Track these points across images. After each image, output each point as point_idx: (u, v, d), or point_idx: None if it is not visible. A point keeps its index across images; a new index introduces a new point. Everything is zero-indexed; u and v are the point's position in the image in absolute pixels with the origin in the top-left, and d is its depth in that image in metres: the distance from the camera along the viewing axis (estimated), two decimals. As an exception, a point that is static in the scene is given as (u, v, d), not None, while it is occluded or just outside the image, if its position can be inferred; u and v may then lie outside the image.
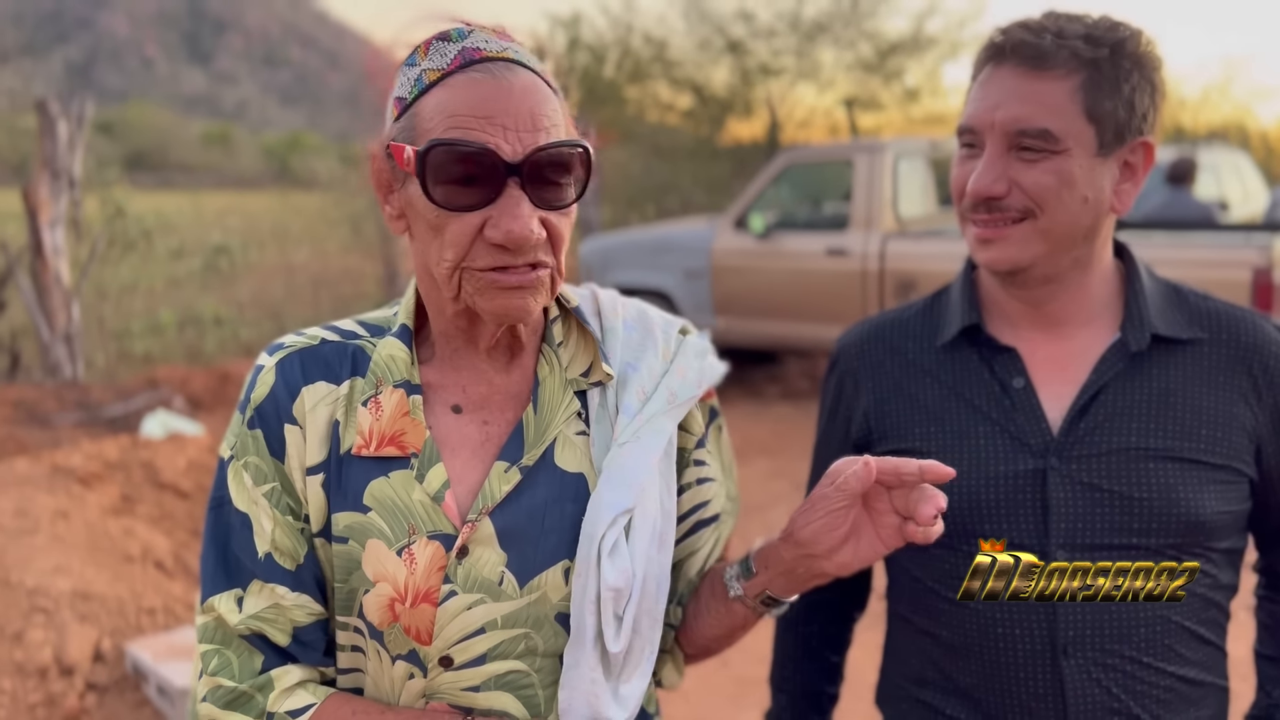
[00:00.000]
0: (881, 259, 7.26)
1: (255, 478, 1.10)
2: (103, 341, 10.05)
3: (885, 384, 1.40)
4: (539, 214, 1.03)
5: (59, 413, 6.52)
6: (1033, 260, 1.27)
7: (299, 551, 1.10)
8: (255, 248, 16.58)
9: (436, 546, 1.07)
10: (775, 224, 7.80)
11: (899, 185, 7.53)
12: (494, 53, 1.05)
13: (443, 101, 1.03)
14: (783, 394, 8.56)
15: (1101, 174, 1.25)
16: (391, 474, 1.09)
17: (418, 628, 1.07)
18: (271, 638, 1.08)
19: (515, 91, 1.02)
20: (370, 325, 1.19)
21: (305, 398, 1.11)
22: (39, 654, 3.49)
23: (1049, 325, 1.33)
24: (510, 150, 1.00)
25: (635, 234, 9.35)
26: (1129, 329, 1.30)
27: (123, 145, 39.89)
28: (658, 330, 1.23)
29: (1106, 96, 1.22)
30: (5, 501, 4.27)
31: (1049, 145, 1.22)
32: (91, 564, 4.00)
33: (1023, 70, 1.23)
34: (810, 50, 16.65)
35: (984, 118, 1.25)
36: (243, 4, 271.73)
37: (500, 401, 1.15)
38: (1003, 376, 1.32)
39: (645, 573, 1.10)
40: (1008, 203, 1.25)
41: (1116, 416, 1.27)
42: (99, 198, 11.41)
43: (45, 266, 7.31)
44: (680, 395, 1.17)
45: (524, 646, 1.09)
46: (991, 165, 1.24)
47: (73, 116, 7.59)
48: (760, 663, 1.23)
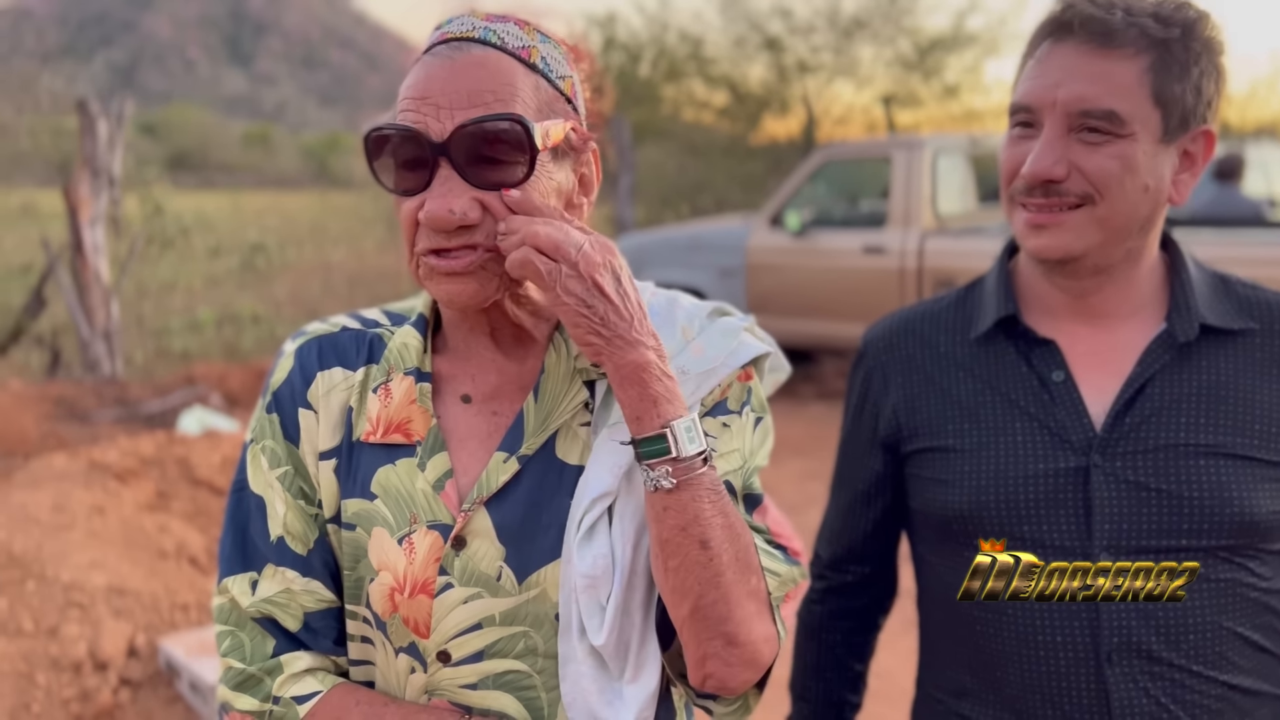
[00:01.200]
0: (920, 257, 7.16)
1: (271, 461, 1.11)
2: (142, 339, 10.16)
3: (916, 379, 1.35)
4: (474, 194, 0.99)
5: (98, 409, 6.59)
6: (1086, 249, 1.21)
7: (310, 536, 1.10)
8: (293, 246, 16.73)
9: (435, 536, 1.05)
10: (811, 221, 7.73)
11: (938, 182, 7.43)
12: (460, 33, 1.03)
13: (401, 88, 1.03)
14: (818, 394, 8.47)
15: (1163, 161, 1.19)
16: (398, 462, 1.09)
17: (415, 619, 1.05)
18: (283, 622, 1.08)
19: (457, 69, 1.00)
20: (393, 314, 1.19)
21: (320, 383, 1.12)
22: (74, 649, 3.51)
23: (1091, 317, 1.27)
24: (438, 129, 0.98)
25: (669, 232, 9.31)
26: (1176, 319, 1.24)
27: (165, 146, 40.46)
28: (680, 313, 1.17)
29: (1176, 80, 1.16)
30: (43, 497, 4.30)
31: (1114, 128, 1.16)
32: (127, 559, 4.02)
33: (1089, 47, 1.17)
34: (848, 47, 16.52)
35: (1044, 96, 1.18)
36: (282, 6, 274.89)
37: (511, 391, 1.12)
38: (1041, 370, 1.26)
39: (635, 561, 1.04)
40: (1066, 187, 1.18)
41: (1164, 411, 1.21)
42: (138, 196, 11.54)
43: (85, 264, 7.39)
44: (691, 370, 1.10)
45: (523, 645, 1.06)
46: (1051, 146, 1.18)
47: (112, 116, 7.68)
48: (781, 664, 1.17)
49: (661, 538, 0.99)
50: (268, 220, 18.59)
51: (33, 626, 3.59)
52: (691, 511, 0.98)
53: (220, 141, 56.82)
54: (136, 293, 11.12)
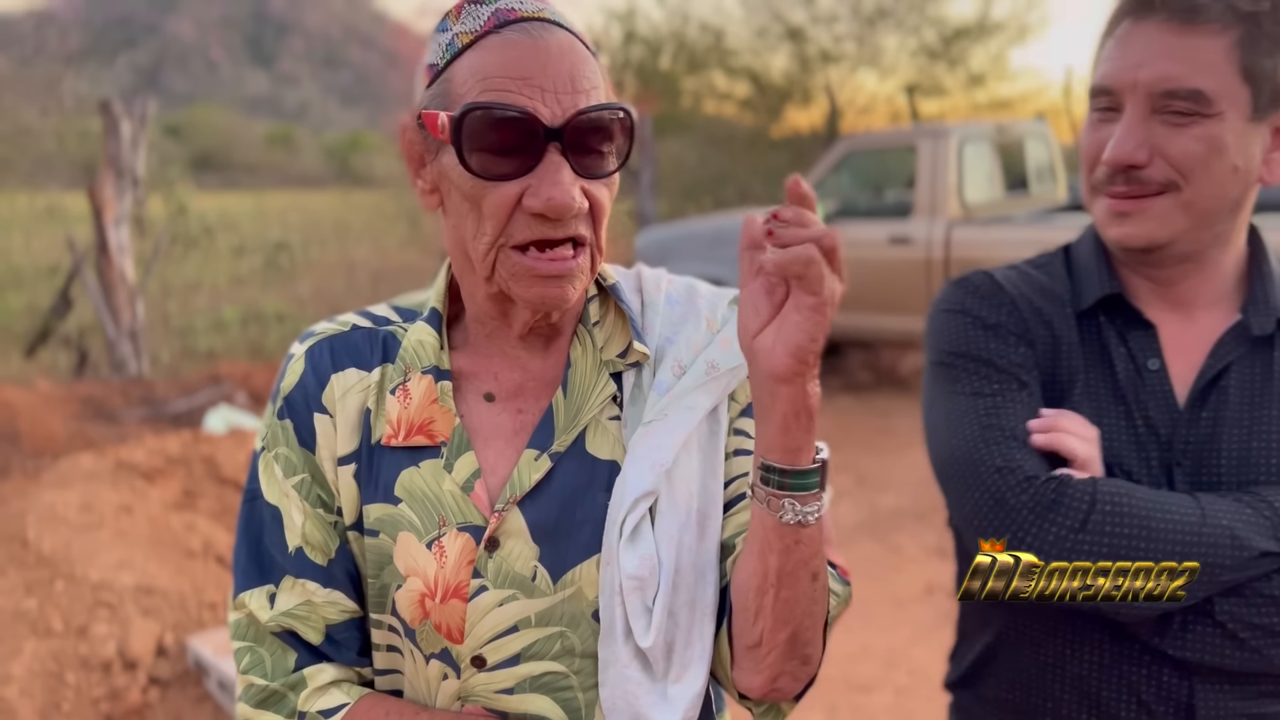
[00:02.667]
0: (946, 247, 7.08)
1: (285, 469, 1.07)
2: (167, 338, 10.22)
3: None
4: (580, 183, 0.96)
5: (125, 408, 6.62)
6: (1172, 237, 1.16)
7: (330, 546, 1.06)
8: (316, 245, 16.80)
9: (466, 539, 1.02)
10: (836, 212, 7.67)
11: (964, 171, 7.35)
12: (529, 13, 0.98)
13: (476, 64, 0.96)
14: (844, 386, 8.41)
15: (1253, 140, 1.14)
16: (422, 464, 1.05)
17: (449, 625, 1.01)
18: (304, 635, 1.05)
19: (553, 51, 0.96)
20: (404, 310, 1.15)
21: (335, 385, 1.08)
22: (103, 648, 3.52)
23: (1176, 304, 1.22)
24: (550, 114, 0.94)
25: (692, 225, 9.26)
26: (1252, 311, 1.19)
27: (190, 147, 40.75)
28: (702, 302, 1.14)
29: (1266, 54, 1.10)
30: (71, 496, 4.32)
31: (1200, 108, 1.10)
32: (154, 558, 4.03)
33: (1172, 25, 1.11)
34: (872, 36, 16.41)
35: (1125, 77, 1.13)
36: (303, 7, 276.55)
37: (535, 388, 1.09)
38: (1138, 355, 1.21)
39: (679, 560, 1.02)
40: (1148, 174, 1.13)
41: (1238, 405, 1.17)
42: (162, 196, 11.61)
43: (110, 264, 7.43)
44: (722, 365, 1.08)
45: (560, 646, 1.02)
46: (1133, 130, 1.13)
47: (135, 116, 7.70)
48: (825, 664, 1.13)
49: (783, 570, 0.95)
50: (291, 219, 18.68)
51: (62, 626, 3.60)
52: (816, 545, 0.95)
53: (243, 142, 57.18)
54: (162, 292, 11.19)
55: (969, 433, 1.17)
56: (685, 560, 1.02)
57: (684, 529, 1.03)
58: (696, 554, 1.03)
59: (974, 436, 1.17)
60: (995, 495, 1.12)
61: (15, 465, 5.61)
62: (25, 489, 4.71)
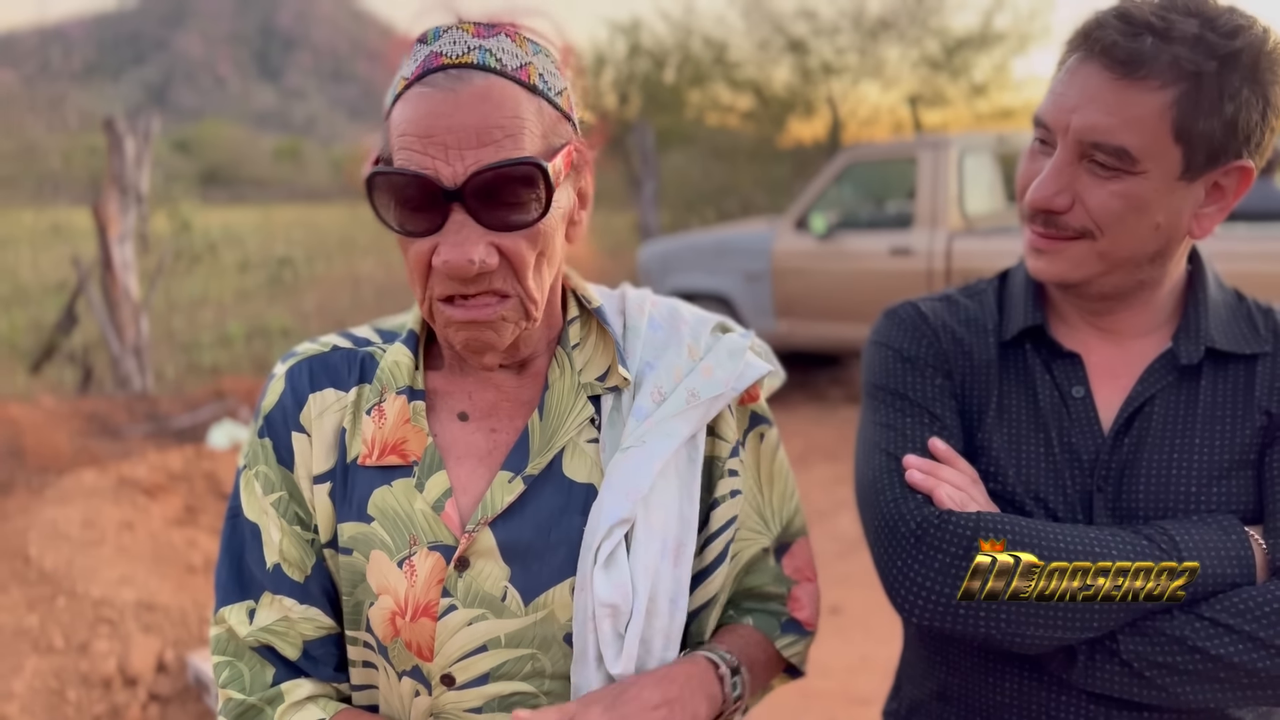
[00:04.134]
0: (948, 258, 7.08)
1: (265, 487, 1.09)
2: (173, 354, 10.25)
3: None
4: (490, 238, 0.95)
5: (129, 424, 6.64)
6: (1086, 279, 1.16)
7: (307, 563, 1.07)
8: (322, 259, 16.85)
9: (437, 558, 1.03)
10: (837, 224, 7.66)
11: (965, 182, 7.34)
12: (453, 58, 0.96)
13: (397, 119, 0.96)
14: (846, 397, 8.40)
15: (1182, 198, 1.12)
16: (394, 483, 1.06)
17: (418, 643, 1.03)
18: (281, 651, 1.06)
19: (462, 104, 0.94)
20: (385, 331, 1.16)
21: (312, 405, 1.09)
22: (104, 664, 3.53)
23: (1105, 333, 1.23)
24: (450, 174, 0.93)
25: (694, 237, 9.27)
26: (1182, 340, 1.19)
27: (198, 162, 40.86)
28: (685, 329, 1.15)
29: (1204, 115, 1.06)
30: (73, 513, 4.34)
31: (1124, 165, 1.08)
32: (155, 574, 4.04)
33: (1113, 73, 1.08)
34: (874, 48, 16.43)
35: (1059, 118, 1.12)
36: (310, 22, 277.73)
37: (509, 408, 1.10)
38: (1062, 383, 1.22)
39: (654, 589, 1.03)
40: (1066, 219, 1.13)
41: (1161, 432, 1.17)
42: (166, 213, 11.66)
43: (115, 281, 7.46)
44: (702, 394, 1.09)
45: (530, 667, 1.04)
46: (1057, 175, 1.12)
47: (139, 134, 7.74)
48: (821, 674, 1.14)
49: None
50: (296, 234, 18.76)
51: (63, 643, 3.62)
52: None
53: (251, 156, 57.37)
54: (168, 308, 11.23)
55: (876, 462, 1.20)
56: (660, 588, 1.04)
57: (660, 557, 1.04)
58: (671, 581, 1.05)
59: (880, 466, 1.19)
60: (889, 523, 1.14)
61: (20, 481, 5.62)
62: (29, 505, 4.72)
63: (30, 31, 49.18)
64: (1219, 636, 1.06)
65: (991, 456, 1.21)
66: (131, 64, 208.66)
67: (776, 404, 1.20)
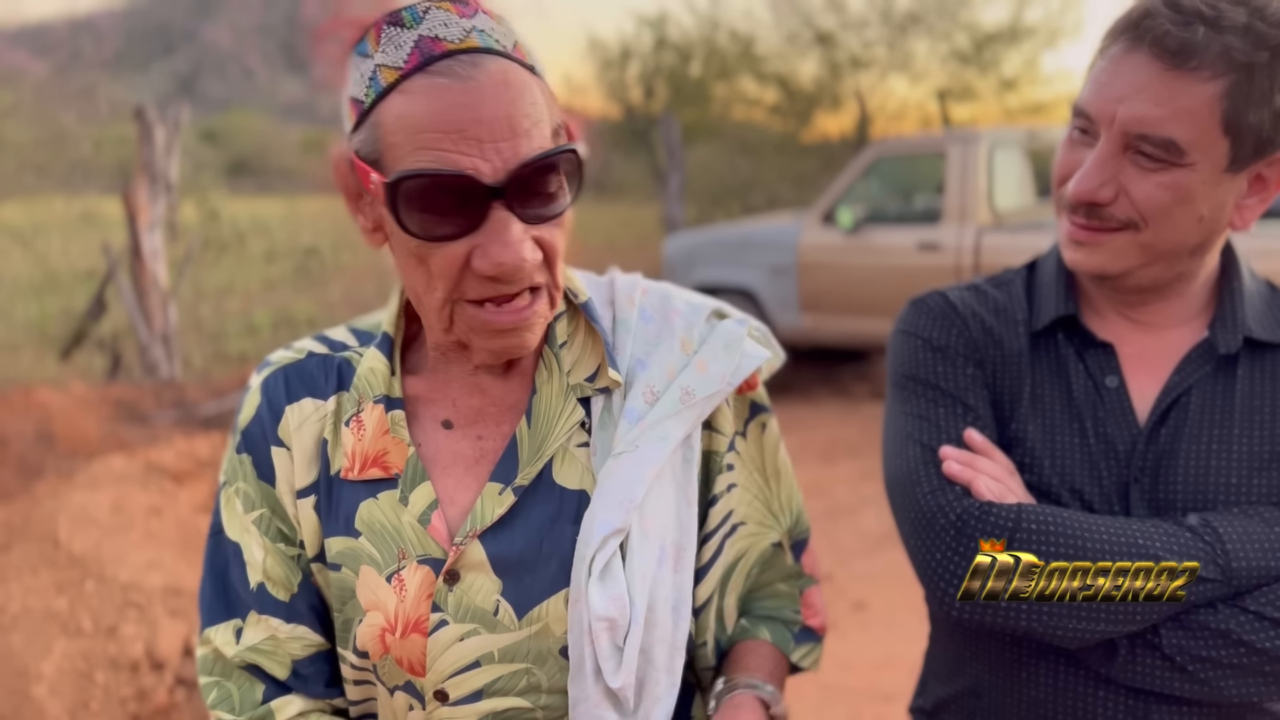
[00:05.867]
0: (976, 253, 7.02)
1: (245, 505, 1.05)
2: (200, 341, 10.33)
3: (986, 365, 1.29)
4: (531, 232, 0.91)
5: (157, 411, 6.70)
6: (1125, 270, 1.14)
7: (292, 580, 1.04)
8: (348, 249, 16.91)
9: (426, 571, 0.99)
10: (864, 218, 7.61)
11: (994, 176, 7.28)
12: (455, 43, 0.89)
13: (404, 112, 0.89)
14: (872, 393, 8.35)
15: (1226, 190, 1.10)
16: (380, 495, 1.02)
17: (409, 659, 0.99)
18: (269, 670, 1.03)
19: (486, 93, 0.88)
20: (361, 332, 1.11)
21: (290, 417, 1.04)
22: (131, 648, 3.56)
23: (1139, 323, 1.21)
24: (491, 169, 0.88)
25: (719, 231, 9.24)
26: (1219, 329, 1.17)
27: (226, 152, 41.05)
28: (678, 320, 1.09)
29: (1254, 106, 1.05)
30: (103, 498, 4.38)
31: (1171, 157, 1.06)
32: (183, 560, 4.07)
33: (1161, 62, 1.05)
34: (903, 41, 16.33)
35: (1104, 108, 1.09)
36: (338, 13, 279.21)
37: (496, 414, 1.05)
38: (1095, 373, 1.19)
39: (654, 597, 0.99)
40: (1110, 211, 1.11)
41: (1199, 423, 1.15)
42: (195, 201, 11.73)
43: (143, 269, 7.52)
44: (698, 393, 1.03)
45: (525, 682, 1.00)
46: (1101, 166, 1.10)
47: (169, 123, 7.80)
48: (845, 670, 1.12)
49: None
50: (323, 223, 18.85)
51: (92, 626, 3.65)
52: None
53: (278, 147, 57.52)
54: (195, 296, 11.31)
55: (911, 454, 1.18)
56: (659, 596, 1.00)
57: (659, 564, 1.00)
58: (671, 588, 1.01)
59: (914, 457, 1.17)
60: (926, 516, 1.12)
61: (50, 465, 5.68)
62: (59, 489, 4.77)
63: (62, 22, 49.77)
64: (1265, 630, 1.04)
65: (1026, 448, 1.19)
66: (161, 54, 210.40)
67: (801, 400, 1.18)
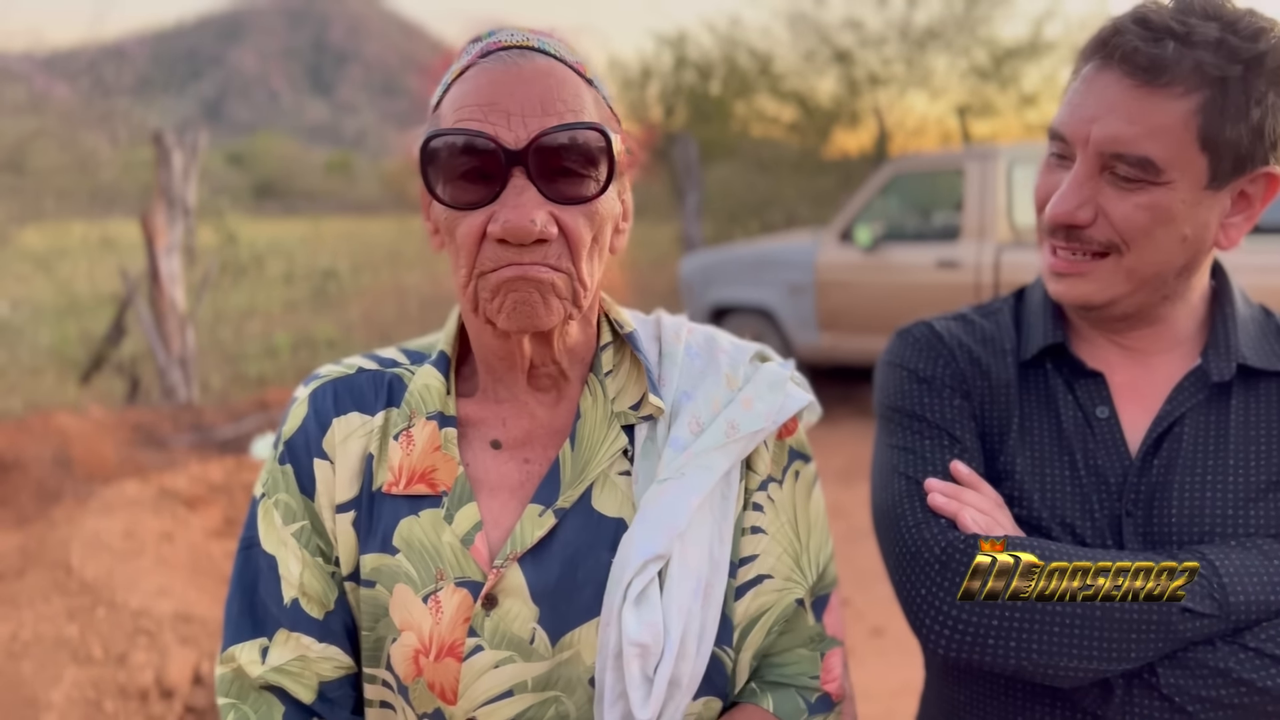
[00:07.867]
0: (996, 270, 6.95)
1: (285, 516, 1.03)
2: (220, 364, 10.38)
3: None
4: (549, 208, 0.92)
5: (174, 435, 6.71)
6: (1111, 299, 1.11)
7: (329, 597, 1.02)
8: (369, 271, 17.03)
9: (464, 595, 0.97)
10: (882, 236, 7.56)
11: (1014, 193, 7.21)
12: (514, 42, 0.97)
13: (455, 96, 0.96)
14: (893, 412, 8.28)
15: (1208, 208, 1.07)
16: (422, 513, 1.00)
17: (442, 684, 0.97)
18: (295, 694, 1.00)
19: (525, 75, 0.93)
20: (412, 352, 1.11)
21: (336, 430, 1.04)
22: (141, 676, 3.54)
23: (1128, 352, 1.17)
24: (513, 137, 0.91)
25: (737, 249, 9.20)
26: (1212, 357, 1.13)
27: (251, 175, 41.54)
28: (723, 357, 1.10)
29: (1230, 121, 1.02)
30: (115, 523, 4.37)
31: (1148, 175, 1.04)
32: (193, 586, 4.06)
33: (1134, 80, 1.03)
34: (921, 58, 16.27)
35: (1078, 129, 1.07)
36: (362, 37, 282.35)
37: (544, 437, 1.04)
38: (1085, 404, 1.16)
39: (686, 629, 0.97)
40: (1090, 234, 1.08)
41: (1193, 453, 1.11)
42: (213, 225, 11.82)
43: (161, 293, 7.56)
44: (743, 428, 1.03)
45: (554, 712, 0.97)
46: (1078, 188, 1.07)
47: (187, 147, 7.86)
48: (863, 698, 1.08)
49: None
50: (344, 246, 19.00)
51: (102, 654, 3.63)
52: None
53: (303, 169, 58.21)
54: (214, 319, 11.38)
55: (896, 487, 1.16)
56: (692, 629, 0.98)
57: (694, 596, 0.98)
58: (699, 623, 0.99)
59: (899, 490, 1.15)
60: (911, 550, 1.09)
61: (68, 490, 5.70)
62: (74, 515, 4.78)
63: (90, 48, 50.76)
64: (1266, 668, 1.00)
65: (1015, 481, 1.16)
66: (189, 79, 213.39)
67: (818, 419, 1.15)
